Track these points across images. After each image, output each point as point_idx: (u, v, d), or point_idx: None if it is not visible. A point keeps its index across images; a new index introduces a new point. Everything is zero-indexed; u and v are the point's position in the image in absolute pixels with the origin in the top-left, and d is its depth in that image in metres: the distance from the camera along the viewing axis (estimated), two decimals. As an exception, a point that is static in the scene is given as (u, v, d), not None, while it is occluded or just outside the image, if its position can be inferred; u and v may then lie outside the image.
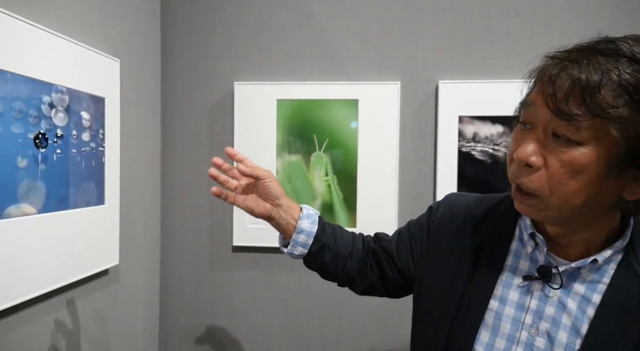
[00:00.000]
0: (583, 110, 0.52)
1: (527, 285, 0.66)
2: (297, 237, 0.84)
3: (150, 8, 1.44)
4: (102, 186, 1.14)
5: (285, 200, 0.85)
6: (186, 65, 1.53)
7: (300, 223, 0.84)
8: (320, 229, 0.86)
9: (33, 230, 0.90)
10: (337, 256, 0.86)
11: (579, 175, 0.55)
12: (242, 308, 1.53)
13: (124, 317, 1.33)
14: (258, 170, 0.83)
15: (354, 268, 0.87)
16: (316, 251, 0.85)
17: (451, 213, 0.80)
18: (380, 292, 0.88)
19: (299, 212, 0.86)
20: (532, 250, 0.68)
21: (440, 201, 0.85)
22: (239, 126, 1.49)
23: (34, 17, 0.92)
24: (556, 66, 0.56)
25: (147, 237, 1.45)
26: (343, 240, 0.88)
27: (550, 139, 0.57)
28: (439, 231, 0.80)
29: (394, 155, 1.44)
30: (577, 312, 0.62)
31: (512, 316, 0.66)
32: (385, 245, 0.87)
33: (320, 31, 1.47)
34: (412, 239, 0.84)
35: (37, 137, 0.90)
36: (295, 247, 0.85)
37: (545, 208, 0.59)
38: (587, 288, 0.63)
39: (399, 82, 1.44)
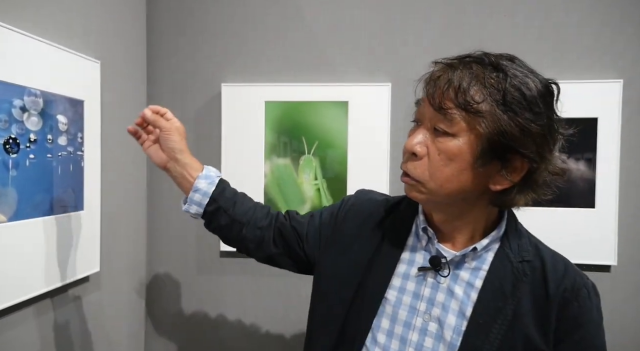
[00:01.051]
0: (454, 105, 0.64)
1: (421, 275, 0.74)
2: (192, 195, 0.88)
3: (135, 8, 1.41)
4: (80, 191, 1.10)
5: (185, 156, 0.89)
6: (173, 66, 1.49)
7: (198, 182, 0.87)
8: (218, 191, 0.88)
9: (3, 239, 0.87)
10: (233, 221, 0.88)
11: (451, 163, 0.66)
12: (231, 315, 1.50)
13: (107, 324, 1.30)
14: (161, 121, 0.88)
15: (250, 236, 0.89)
16: (211, 212, 0.88)
17: (359, 207, 0.86)
18: (287, 266, 0.92)
19: (198, 172, 0.88)
20: (426, 244, 0.76)
21: (351, 195, 0.92)
22: (227, 128, 1.45)
23: (5, 19, 0.89)
24: (439, 71, 0.68)
25: (131, 242, 1.42)
26: (242, 207, 0.90)
27: (432, 133, 0.68)
28: (345, 221, 0.85)
29: (384, 158, 1.40)
30: (463, 297, 0.70)
31: (409, 304, 0.73)
32: (295, 225, 0.90)
33: (309, 32, 1.44)
34: (322, 226, 0.88)
35: (7, 142, 0.87)
36: (191, 205, 0.88)
37: (426, 191, 0.69)
38: (470, 274, 0.72)
39: (389, 83, 1.40)
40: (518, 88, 0.63)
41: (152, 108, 0.89)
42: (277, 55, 1.45)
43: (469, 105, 0.63)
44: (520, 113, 0.63)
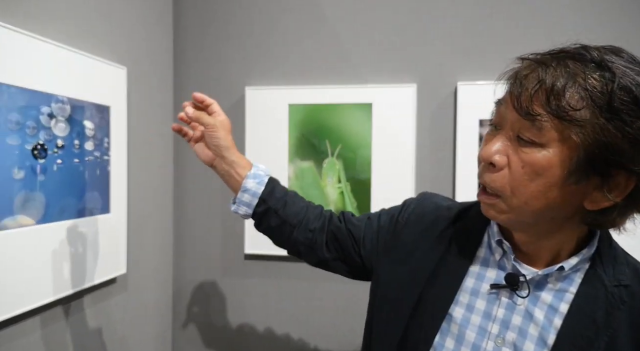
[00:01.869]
0: (545, 111, 0.53)
1: (494, 293, 0.65)
2: (241, 196, 0.83)
3: (161, 15, 1.44)
4: (107, 195, 1.13)
5: (231, 153, 0.84)
6: (198, 71, 1.51)
7: (246, 182, 0.83)
8: (267, 191, 0.83)
9: (31, 241, 0.90)
10: (283, 222, 0.84)
11: (539, 177, 0.56)
12: (254, 317, 1.50)
13: (134, 325, 1.33)
14: (204, 117, 0.83)
15: (301, 239, 0.84)
16: (261, 213, 0.83)
17: (422, 212, 0.78)
18: (341, 272, 0.86)
19: (247, 170, 0.84)
20: (500, 258, 0.66)
21: (414, 198, 0.83)
22: (251, 132, 1.46)
23: (34, 29, 0.92)
24: (526, 68, 0.57)
25: (158, 244, 1.45)
26: (294, 208, 0.85)
27: (515, 140, 0.57)
28: (406, 226, 0.77)
29: (410, 161, 1.37)
30: (544, 322, 0.61)
31: (478, 324, 0.64)
32: (351, 229, 0.84)
33: (332, 34, 1.42)
34: (380, 230, 0.81)
35: (35, 148, 0.90)
36: (240, 206, 0.84)
37: (507, 210, 0.59)
38: (554, 297, 0.62)
39: (414, 84, 1.36)
40: (628, 90, 0.51)
41: (196, 97, 0.85)
42: (301, 58, 1.44)
43: (564, 111, 0.52)
44: (631, 122, 0.51)
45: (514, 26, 1.32)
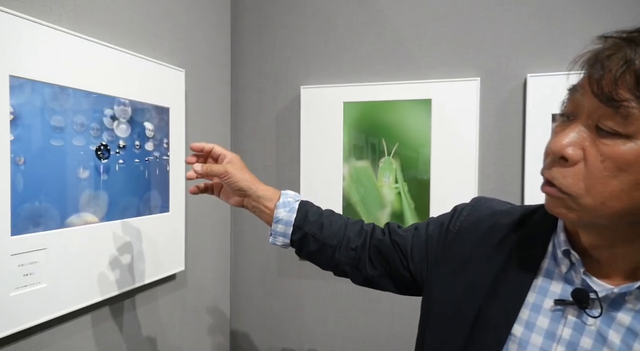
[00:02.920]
0: (634, 95, 0.45)
1: (559, 310, 0.56)
2: (275, 227, 0.81)
3: (219, 18, 1.47)
4: (166, 194, 1.16)
5: (255, 189, 0.82)
6: (254, 71, 1.53)
7: (277, 212, 0.81)
8: (300, 217, 0.80)
9: (96, 238, 0.94)
10: (323, 245, 0.80)
11: (622, 174, 0.48)
12: (311, 318, 1.49)
13: (193, 321, 1.37)
14: (213, 169, 0.81)
15: (344, 259, 0.80)
16: (299, 240, 0.81)
17: (476, 218, 0.70)
18: (388, 288, 0.80)
19: (275, 201, 0.82)
20: (567, 270, 0.58)
21: (466, 203, 0.75)
22: (305, 131, 1.44)
23: (99, 36, 0.97)
24: (610, 48, 0.49)
25: (216, 243, 1.48)
26: (331, 228, 0.81)
27: (593, 131, 0.50)
28: (458, 235, 0.70)
29: (472, 161, 1.28)
30: (621, 346, 0.52)
31: (539, 345, 0.56)
32: (398, 240, 0.77)
33: (389, 28, 1.37)
34: (429, 240, 0.74)
35: (99, 148, 0.94)
36: (276, 237, 0.82)
37: (578, 208, 0.51)
38: (634, 318, 0.52)
39: (478, 78, 1.27)
40: None
41: (193, 147, 0.85)
42: (356, 55, 1.41)
43: None
44: None
45: (593, 6, 1.19)
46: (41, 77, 0.81)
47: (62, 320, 0.91)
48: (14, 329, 0.79)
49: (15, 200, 0.77)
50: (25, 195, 0.79)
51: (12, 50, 0.76)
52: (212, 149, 0.85)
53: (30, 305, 0.81)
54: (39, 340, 0.87)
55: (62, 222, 0.86)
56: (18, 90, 0.77)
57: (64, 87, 0.86)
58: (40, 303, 0.83)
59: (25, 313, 0.81)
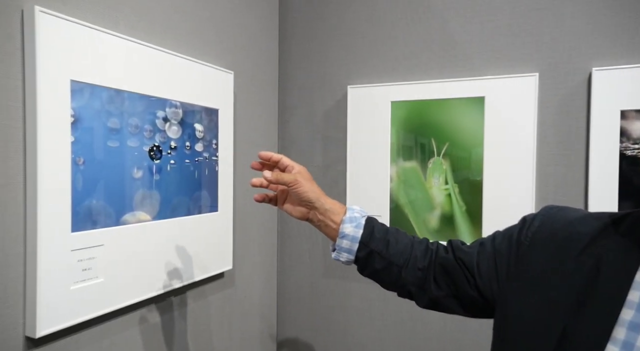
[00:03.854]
0: None
1: None
2: (340, 243, 0.78)
3: (267, 20, 1.48)
4: (215, 193, 1.19)
5: (322, 202, 0.79)
6: (302, 72, 1.53)
7: (343, 227, 0.77)
8: (367, 233, 0.77)
9: (148, 236, 0.98)
10: (389, 264, 0.76)
11: None
12: (357, 319, 1.47)
13: (241, 318, 1.39)
14: (284, 177, 0.79)
15: (410, 279, 0.75)
16: (364, 257, 0.77)
17: (550, 228, 0.64)
18: (454, 310, 0.74)
19: (342, 215, 0.79)
20: None
21: (536, 213, 0.68)
22: (352, 131, 1.42)
23: (152, 40, 1.00)
24: None
25: (263, 242, 1.49)
26: (398, 247, 0.77)
27: None
28: (531, 247, 0.64)
29: (529, 161, 1.21)
30: None
31: None
32: (462, 256, 0.72)
33: (440, 23, 1.32)
34: (497, 254, 0.68)
35: (152, 149, 0.97)
36: (340, 253, 0.78)
37: None
38: None
39: (536, 73, 1.20)
40: None
41: (262, 155, 0.84)
42: (404, 53, 1.37)
43: None
44: None
45: (669, -5, 1.08)
46: (99, 81, 0.85)
47: (118, 313, 0.95)
48: (76, 320, 0.83)
49: (75, 199, 0.81)
50: (85, 194, 0.83)
51: (73, 56, 0.80)
52: (280, 160, 0.83)
53: (89, 298, 0.85)
54: (98, 331, 0.91)
55: (117, 219, 0.90)
56: (78, 94, 0.81)
57: (119, 91, 0.89)
58: (98, 296, 0.87)
59: (85, 305, 0.85)
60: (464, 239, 1.27)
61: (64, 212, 0.80)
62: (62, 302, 0.80)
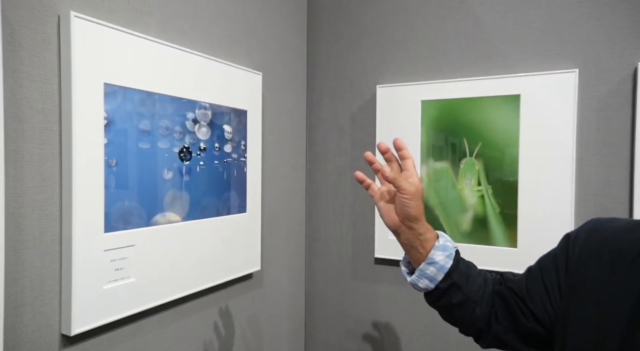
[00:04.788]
0: None
1: None
2: (425, 268, 0.73)
3: (295, 21, 1.48)
4: (243, 195, 1.19)
5: (420, 225, 0.73)
6: (330, 72, 1.52)
7: (434, 253, 0.72)
8: (454, 265, 0.72)
9: (178, 236, 0.99)
10: (467, 300, 0.72)
11: None
12: (386, 322, 1.44)
13: (269, 319, 1.39)
14: (403, 183, 0.71)
15: (484, 316, 0.71)
16: (444, 289, 0.73)
17: (598, 240, 0.61)
18: (514, 345, 0.70)
19: (433, 242, 0.74)
20: None
21: (580, 227, 0.65)
22: (381, 131, 1.40)
23: (182, 42, 1.01)
24: None
25: (291, 244, 1.49)
26: (475, 282, 0.73)
27: None
28: (581, 262, 0.61)
29: (568, 161, 1.15)
30: None
31: None
32: (512, 286, 0.70)
33: (471, 19, 1.28)
34: (545, 274, 0.65)
35: (182, 151, 0.98)
36: (421, 278, 0.74)
37: None
38: None
39: (576, 69, 1.14)
40: None
41: (397, 143, 0.76)
42: (436, 50, 1.34)
43: None
44: None
45: None
46: (131, 83, 0.86)
47: (149, 312, 0.96)
48: (109, 319, 0.85)
49: (107, 200, 0.83)
50: (117, 195, 0.85)
51: (105, 60, 0.82)
52: (407, 159, 0.75)
53: (121, 297, 0.87)
54: (130, 330, 0.93)
55: (148, 220, 0.91)
56: (111, 96, 0.83)
57: (151, 93, 0.91)
58: (130, 296, 0.89)
59: (117, 304, 0.86)
60: (498, 242, 1.24)
61: (97, 213, 0.81)
62: (96, 301, 0.82)
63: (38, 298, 0.76)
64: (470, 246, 1.27)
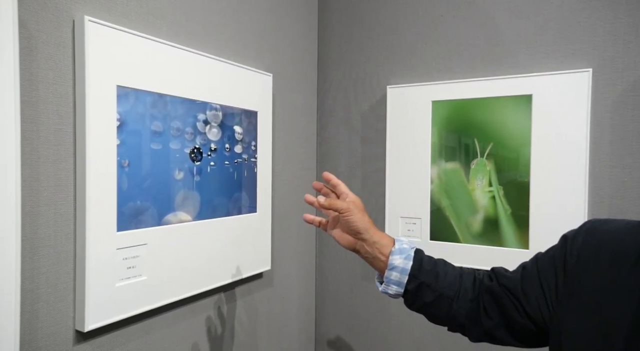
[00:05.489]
0: None
1: None
2: (389, 275, 0.76)
3: (307, 22, 1.49)
4: (254, 195, 1.20)
5: (371, 234, 0.78)
6: (341, 73, 1.52)
7: (392, 258, 0.76)
8: (416, 265, 0.75)
9: (189, 236, 1.00)
10: (440, 296, 0.74)
11: None
12: (396, 323, 1.44)
13: (279, 319, 1.40)
14: (337, 203, 0.79)
15: (462, 311, 0.72)
16: (414, 290, 0.75)
17: (597, 243, 0.60)
18: (506, 341, 0.71)
19: (390, 247, 0.77)
20: None
21: (578, 228, 0.64)
22: (392, 132, 1.40)
23: (193, 45, 1.03)
24: None
25: (301, 244, 1.50)
26: (447, 278, 0.75)
27: None
28: (579, 265, 0.60)
29: (581, 162, 1.14)
30: None
31: None
32: (506, 283, 0.70)
33: (482, 19, 1.27)
34: (542, 277, 0.65)
35: (193, 151, 1.00)
36: (389, 285, 0.76)
37: None
38: None
39: (589, 69, 1.12)
40: None
41: (326, 176, 0.85)
42: (446, 51, 1.33)
43: None
44: None
45: None
46: (143, 86, 0.88)
47: (161, 310, 0.98)
48: (121, 316, 0.87)
49: (120, 199, 0.85)
50: (129, 195, 0.86)
51: (118, 62, 0.84)
52: (338, 186, 0.85)
53: (133, 295, 0.89)
54: (142, 327, 0.95)
55: (159, 220, 0.93)
56: (123, 98, 0.85)
57: (162, 95, 0.92)
58: (142, 294, 0.90)
59: (130, 302, 0.88)
60: (510, 244, 1.23)
61: (110, 212, 0.83)
62: (109, 298, 0.84)
63: (53, 294, 0.78)
64: (481, 247, 1.27)
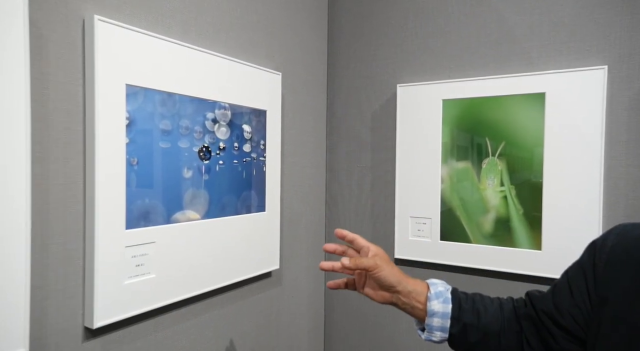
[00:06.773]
0: None
1: None
2: (430, 321, 0.73)
3: (316, 21, 1.48)
4: (263, 193, 1.20)
5: (404, 285, 0.74)
6: (350, 71, 1.51)
7: (430, 305, 0.73)
8: (455, 307, 0.72)
9: (197, 234, 1.00)
10: (485, 334, 0.71)
11: None
12: (405, 325, 1.43)
13: (288, 318, 1.39)
14: (363, 262, 0.74)
15: (512, 345, 0.69)
16: (458, 333, 0.72)
17: (626, 246, 0.58)
18: None
19: (425, 293, 0.74)
20: None
21: (607, 233, 0.63)
22: (402, 131, 1.39)
23: (202, 44, 1.03)
24: None
25: (310, 243, 1.49)
26: (488, 314, 0.72)
27: None
28: (608, 269, 0.58)
29: (596, 162, 1.11)
30: None
31: None
32: (539, 304, 0.67)
33: (494, 16, 1.25)
34: (572, 284, 0.63)
35: (201, 150, 1.00)
36: (432, 332, 0.73)
37: None
38: None
39: (605, 66, 1.10)
40: None
41: (338, 233, 0.81)
42: (457, 49, 1.31)
43: None
44: None
45: None
46: (152, 84, 0.89)
47: (169, 308, 0.99)
48: (130, 313, 0.87)
49: (129, 197, 0.85)
50: (138, 193, 0.87)
51: (128, 61, 0.84)
52: (355, 240, 0.81)
53: (142, 292, 0.89)
54: (151, 324, 0.95)
55: (168, 218, 0.93)
56: (132, 97, 0.85)
57: (171, 94, 0.93)
58: (150, 291, 0.91)
59: (138, 299, 0.89)
60: (522, 244, 1.21)
61: (119, 210, 0.84)
62: (117, 296, 0.84)
63: (62, 291, 0.79)
64: (493, 248, 1.25)
